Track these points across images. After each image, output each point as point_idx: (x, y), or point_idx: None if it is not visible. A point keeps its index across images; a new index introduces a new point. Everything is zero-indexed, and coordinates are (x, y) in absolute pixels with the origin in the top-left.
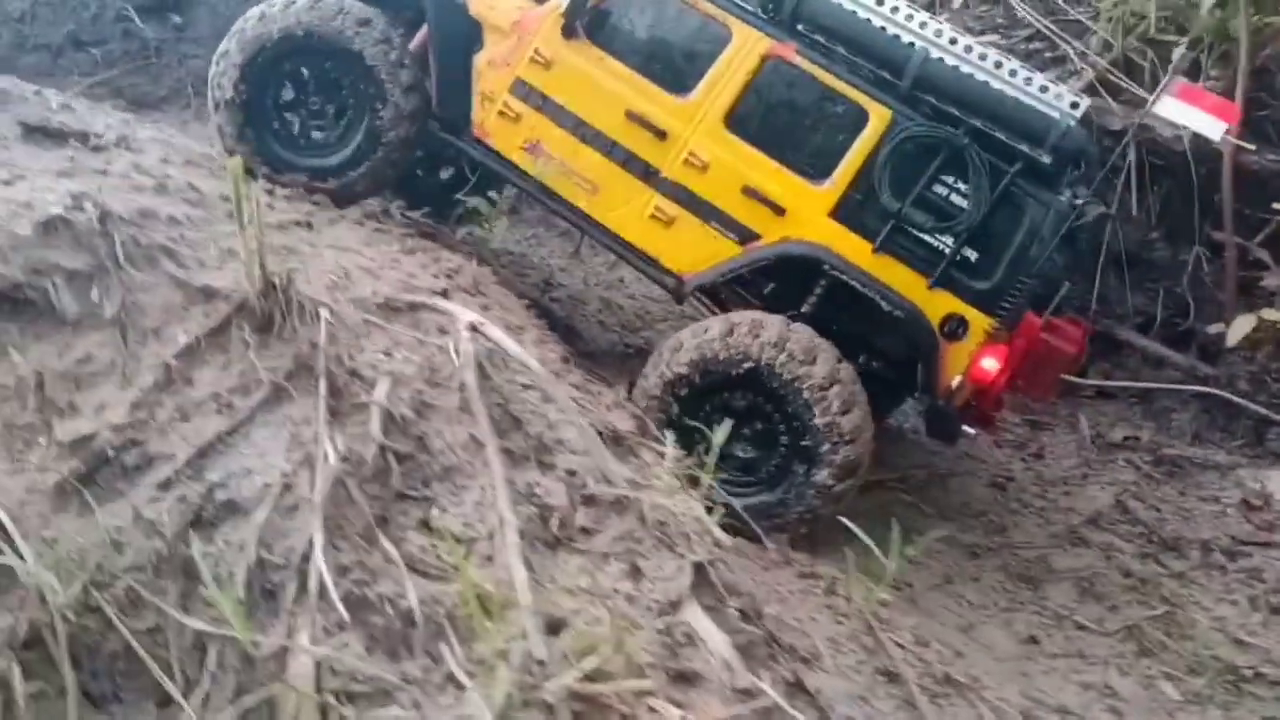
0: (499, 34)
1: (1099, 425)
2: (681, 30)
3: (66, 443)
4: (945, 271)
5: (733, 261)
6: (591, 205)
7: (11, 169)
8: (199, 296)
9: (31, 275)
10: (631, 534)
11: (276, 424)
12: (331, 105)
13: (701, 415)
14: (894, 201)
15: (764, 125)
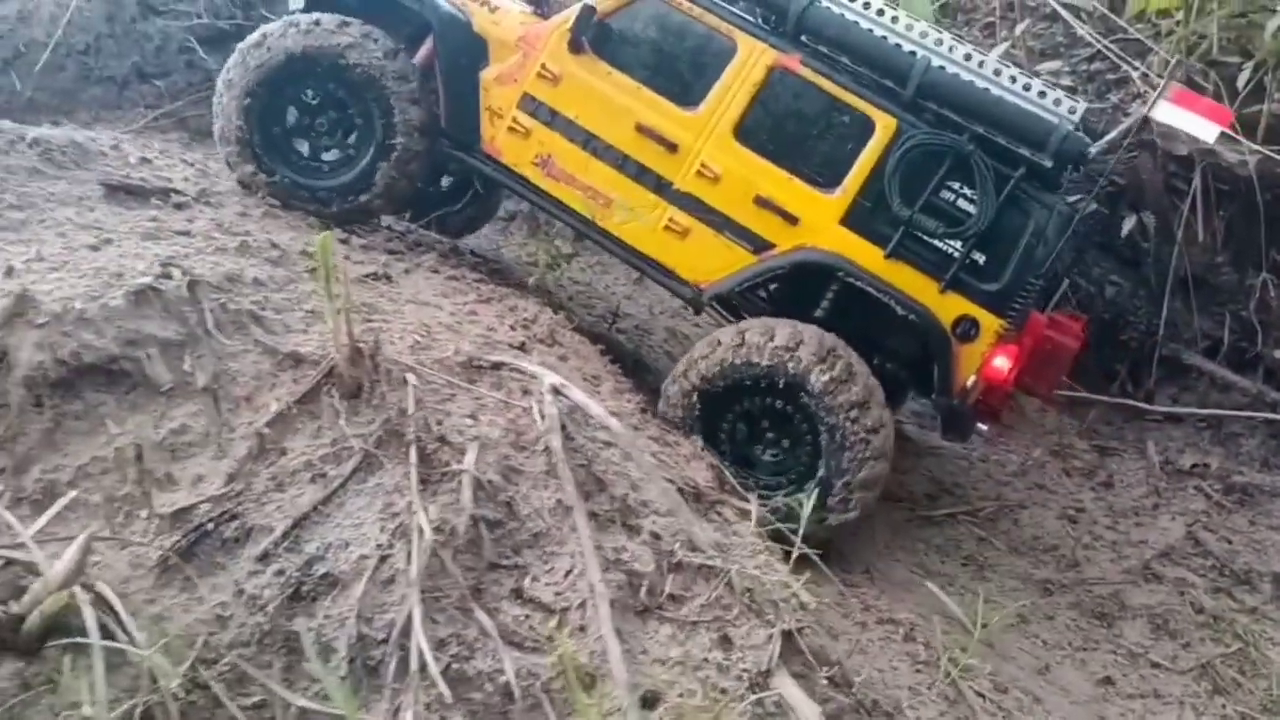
0: (505, 50)
1: (1167, 451)
2: (687, 43)
3: (167, 515)
4: (956, 275)
5: (749, 270)
6: (605, 218)
7: (99, 232)
8: (288, 362)
9: (125, 347)
10: (719, 601)
11: (369, 493)
12: (340, 126)
13: (726, 419)
14: (904, 208)
15: (773, 136)
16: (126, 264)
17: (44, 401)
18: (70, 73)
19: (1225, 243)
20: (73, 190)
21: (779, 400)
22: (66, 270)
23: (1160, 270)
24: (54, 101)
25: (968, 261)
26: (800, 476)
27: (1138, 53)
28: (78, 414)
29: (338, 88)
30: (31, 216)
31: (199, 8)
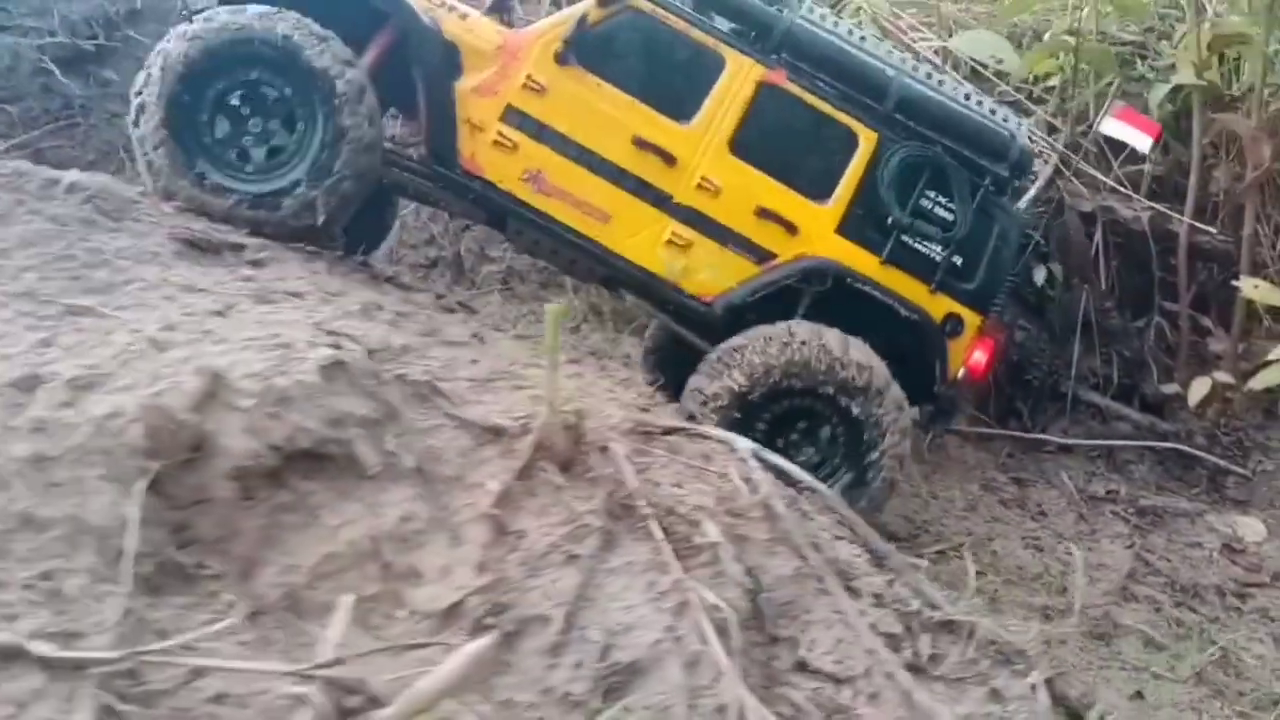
0: (481, 58)
1: (1075, 479)
2: (676, 57)
3: (436, 613)
4: (943, 277)
5: (756, 281)
6: (603, 235)
7: (207, 295)
8: (486, 436)
9: (330, 428)
10: (968, 655)
11: (622, 572)
12: (276, 124)
13: (762, 420)
14: (896, 216)
15: (766, 149)
16: (283, 333)
17: (255, 494)
18: None
19: (1117, 290)
20: (140, 245)
21: (819, 402)
22: (221, 342)
23: (1064, 316)
24: None
25: (950, 265)
26: (835, 471)
27: (1023, 111)
28: (289, 506)
29: (276, 83)
30: (114, 277)
31: (53, 24)
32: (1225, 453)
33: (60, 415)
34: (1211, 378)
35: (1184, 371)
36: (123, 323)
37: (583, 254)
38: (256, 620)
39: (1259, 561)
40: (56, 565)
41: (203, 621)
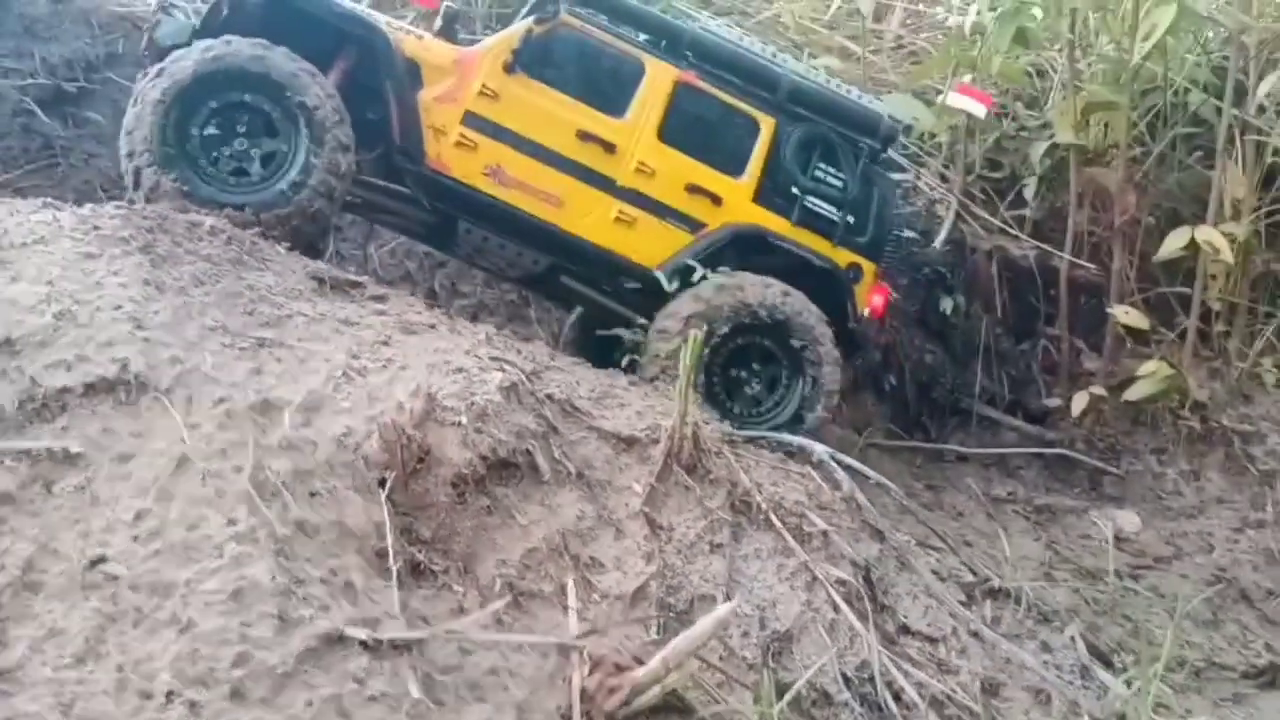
0: (439, 72)
1: (978, 484)
2: (604, 64)
3: (626, 595)
4: (842, 233)
5: (693, 248)
6: (560, 218)
7: (364, 329)
8: (622, 445)
9: (516, 440)
10: (1019, 616)
11: (753, 557)
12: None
13: (719, 361)
14: (799, 184)
15: (689, 135)
16: (453, 360)
17: (466, 499)
18: None
19: (1008, 317)
20: (285, 282)
21: (766, 338)
22: (406, 369)
23: (965, 341)
24: None
25: (846, 221)
26: (784, 397)
27: (919, 162)
28: (490, 508)
29: (257, 103)
30: (277, 312)
31: (34, 65)
32: (1101, 456)
33: (303, 434)
34: (1089, 392)
35: (1064, 387)
36: (311, 353)
37: (532, 246)
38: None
39: (1141, 548)
40: (337, 564)
41: (448, 610)
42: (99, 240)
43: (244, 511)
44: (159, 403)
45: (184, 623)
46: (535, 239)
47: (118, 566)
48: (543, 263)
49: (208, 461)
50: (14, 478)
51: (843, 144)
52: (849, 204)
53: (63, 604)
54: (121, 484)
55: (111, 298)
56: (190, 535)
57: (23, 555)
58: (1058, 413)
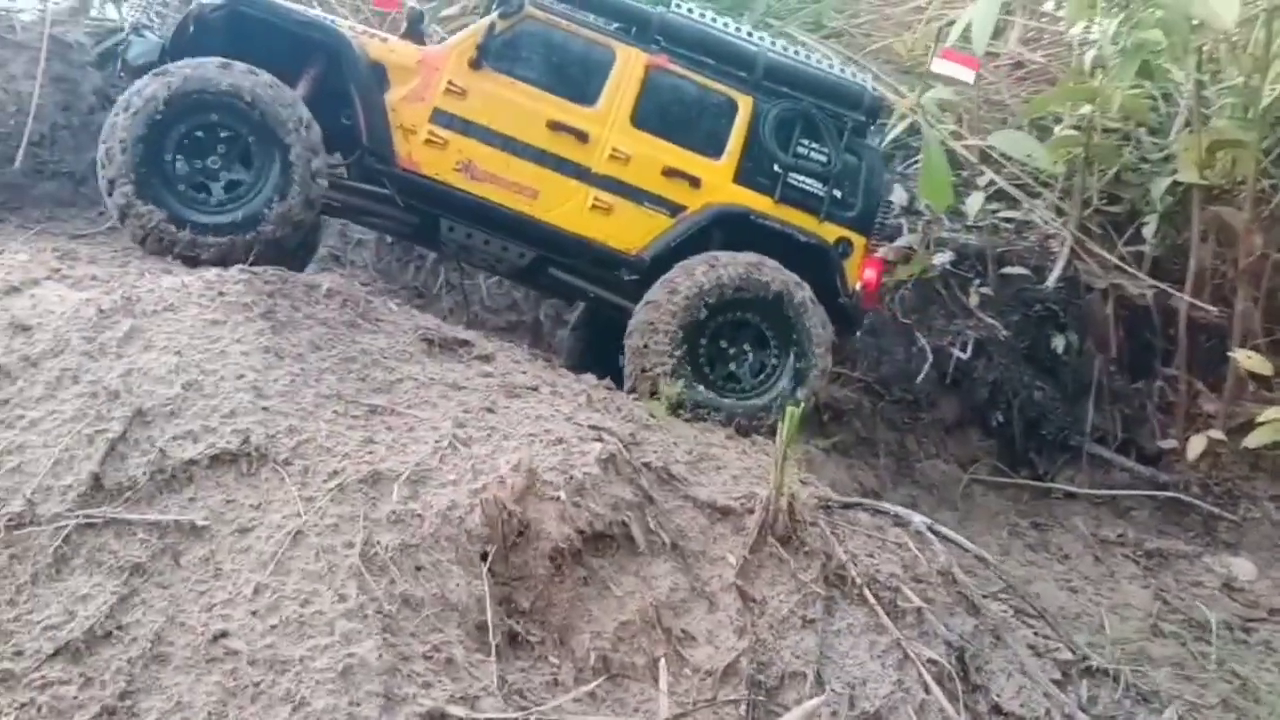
0: (405, 73)
1: (1087, 525)
2: (572, 54)
3: (716, 671)
4: (828, 208)
5: (674, 231)
6: (534, 209)
7: (471, 392)
8: (716, 515)
9: (611, 512)
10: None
11: (846, 633)
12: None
13: (701, 342)
14: (780, 162)
15: (663, 119)
16: (553, 429)
17: (563, 571)
18: (21, 166)
19: (1125, 356)
20: (396, 344)
21: (754, 314)
22: (508, 438)
23: (1076, 378)
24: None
25: (833, 197)
26: (774, 372)
27: (1033, 194)
28: (586, 580)
29: (227, 124)
30: (389, 376)
31: None
32: (1217, 501)
33: (409, 508)
34: (1206, 435)
35: (1179, 428)
36: (420, 420)
37: (514, 239)
38: (580, 679)
39: (1255, 598)
40: (439, 639)
41: (543, 683)
42: (224, 307)
43: (354, 587)
44: (277, 474)
45: (297, 700)
46: (514, 231)
47: (238, 641)
48: (528, 256)
49: (321, 536)
50: (146, 549)
51: (825, 119)
52: (834, 179)
53: (188, 677)
54: (242, 557)
55: (234, 367)
56: (304, 611)
57: (153, 627)
58: (1172, 454)
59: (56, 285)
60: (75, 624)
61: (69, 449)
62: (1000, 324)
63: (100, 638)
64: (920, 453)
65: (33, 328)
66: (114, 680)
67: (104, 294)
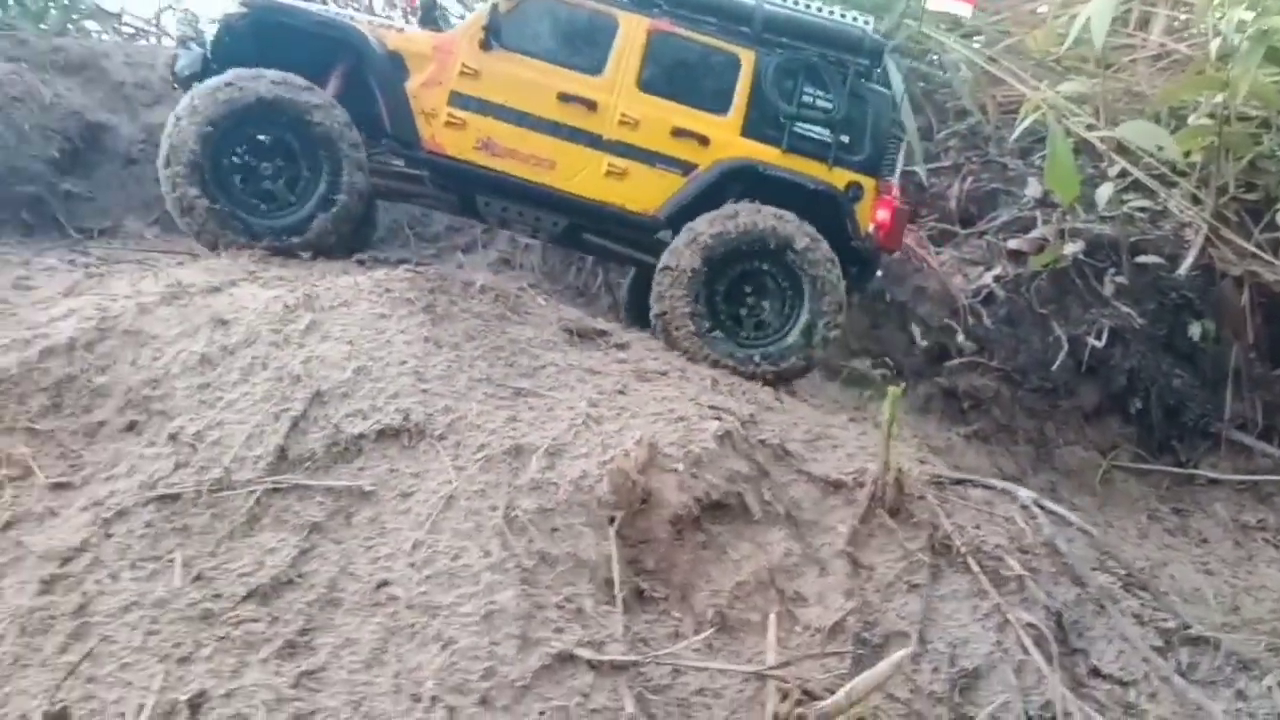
0: (422, 60)
1: (1228, 510)
2: (577, 25)
3: (825, 628)
4: (835, 154)
5: (686, 190)
6: (554, 179)
7: (605, 376)
8: (829, 488)
9: (728, 483)
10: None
11: (949, 598)
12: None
13: (718, 288)
14: (785, 113)
15: (668, 81)
16: (676, 409)
17: (683, 536)
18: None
19: (1260, 342)
20: (540, 335)
21: (766, 263)
22: (636, 417)
23: (1215, 366)
24: None
25: (840, 142)
26: (789, 319)
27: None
28: (705, 544)
29: (277, 129)
30: (533, 362)
31: None
32: None
33: (547, 476)
34: None
35: None
36: (558, 401)
37: (544, 208)
38: (699, 631)
39: None
40: (571, 591)
41: (666, 634)
42: (390, 302)
43: (497, 545)
44: (433, 447)
45: (446, 640)
46: (541, 201)
47: (398, 589)
48: (561, 223)
49: (470, 500)
50: (323, 510)
51: (827, 66)
52: (840, 124)
53: (355, 619)
54: (403, 517)
55: (398, 354)
56: (454, 564)
57: (327, 576)
58: None
59: (250, 285)
60: (264, 572)
61: (259, 425)
62: (1135, 312)
63: (284, 584)
64: (1059, 439)
65: (230, 322)
66: (295, 619)
67: (288, 292)
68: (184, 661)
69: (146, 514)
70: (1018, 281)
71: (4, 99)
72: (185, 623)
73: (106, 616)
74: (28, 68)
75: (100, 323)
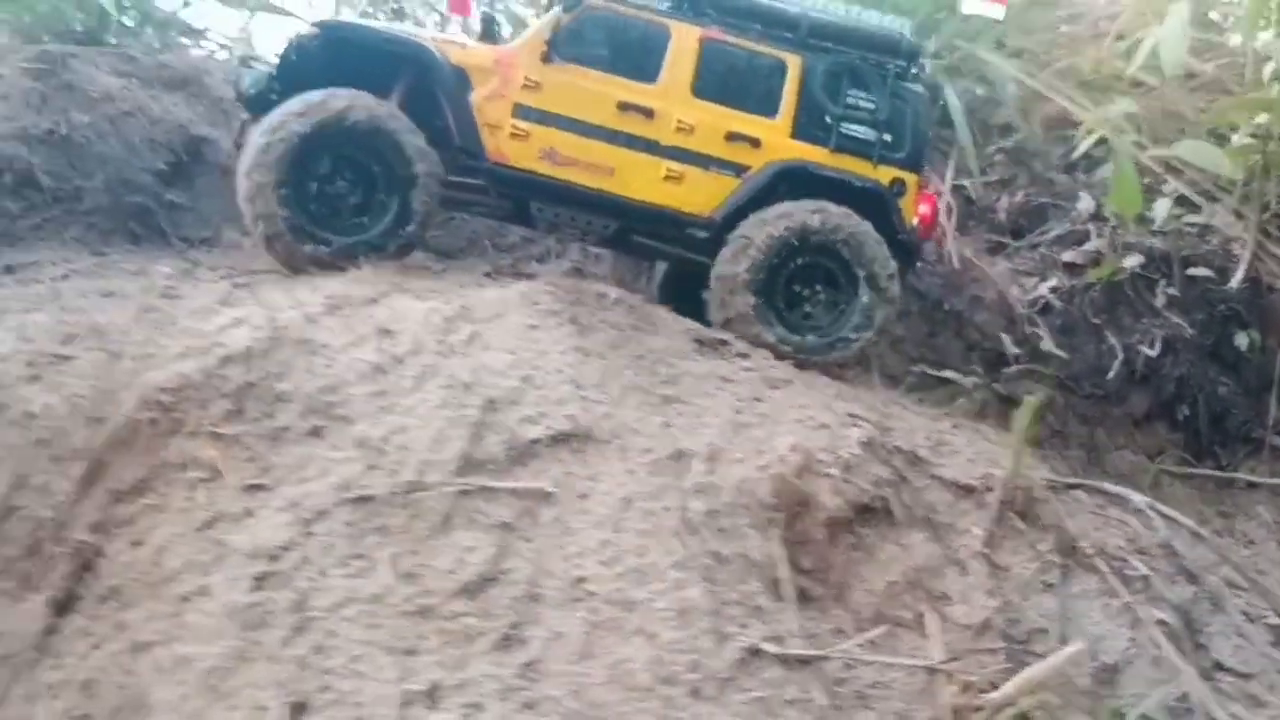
0: (484, 73)
1: (1271, 513)
2: (631, 36)
3: (972, 625)
4: (879, 152)
5: (741, 191)
6: (614, 185)
7: (739, 384)
8: (960, 492)
9: (874, 488)
10: None
11: (1082, 596)
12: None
13: (781, 277)
14: (833, 114)
15: (720, 87)
16: (816, 416)
17: (837, 537)
18: None
19: None
20: (672, 344)
21: (823, 257)
22: (780, 424)
23: (1259, 374)
24: None
25: (883, 140)
26: (846, 310)
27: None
28: (855, 545)
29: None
30: (672, 371)
31: None
32: None
33: (709, 480)
34: None
35: None
36: (704, 408)
37: (597, 213)
38: (859, 628)
39: None
40: (746, 589)
41: (829, 630)
42: (539, 314)
43: (677, 544)
44: (600, 451)
45: (649, 633)
46: (599, 208)
47: (594, 585)
48: (611, 226)
49: (645, 502)
50: (511, 511)
51: (869, 68)
52: (883, 124)
53: (560, 613)
54: (584, 517)
55: (554, 363)
56: (640, 561)
57: (526, 573)
58: None
59: (402, 297)
60: (468, 570)
61: (441, 430)
62: (1186, 323)
63: (488, 581)
64: (1110, 444)
65: (395, 332)
66: (505, 614)
67: (443, 304)
68: (410, 654)
69: (345, 514)
70: (1071, 292)
71: (116, 113)
72: (404, 618)
73: (325, 611)
74: (137, 83)
75: (272, 332)
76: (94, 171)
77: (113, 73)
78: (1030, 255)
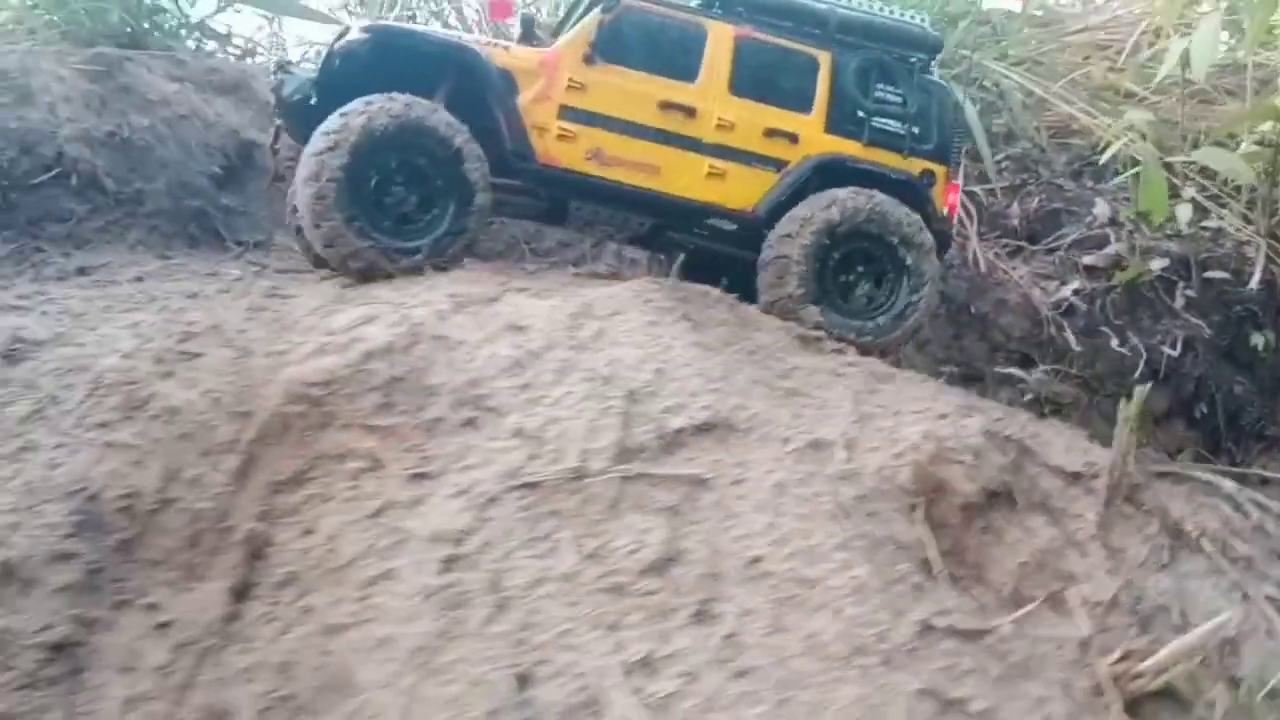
0: (530, 76)
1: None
2: (669, 36)
3: (1103, 602)
4: (909, 144)
5: (780, 186)
6: (660, 183)
7: (852, 378)
8: (1069, 479)
9: (998, 473)
10: None
11: (1191, 575)
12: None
13: (831, 263)
14: (864, 108)
15: (757, 84)
16: (932, 407)
17: (969, 521)
18: None
19: None
20: (776, 340)
21: (869, 242)
22: (902, 414)
23: (1271, 372)
24: None
25: (913, 133)
26: (893, 292)
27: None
28: (985, 529)
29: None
30: (783, 365)
31: None
32: None
33: (850, 467)
34: None
35: None
36: (825, 400)
37: (636, 210)
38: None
39: None
40: (903, 569)
41: (973, 608)
42: (654, 311)
43: (835, 527)
44: (742, 440)
45: (835, 608)
46: (641, 206)
47: (769, 565)
48: (647, 223)
49: (797, 487)
50: (673, 495)
51: (896, 62)
52: (911, 116)
53: (742, 589)
54: (742, 502)
55: (679, 357)
56: (806, 543)
57: (702, 553)
58: None
59: (517, 296)
60: (648, 550)
61: (593, 420)
62: (1204, 324)
63: (669, 560)
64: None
65: (525, 328)
66: (694, 590)
67: (562, 301)
68: (614, 629)
69: (515, 500)
70: (1092, 295)
71: (173, 116)
72: (600, 594)
73: (522, 590)
74: (190, 88)
75: (410, 329)
76: (155, 175)
77: (166, 77)
78: (1048, 260)
